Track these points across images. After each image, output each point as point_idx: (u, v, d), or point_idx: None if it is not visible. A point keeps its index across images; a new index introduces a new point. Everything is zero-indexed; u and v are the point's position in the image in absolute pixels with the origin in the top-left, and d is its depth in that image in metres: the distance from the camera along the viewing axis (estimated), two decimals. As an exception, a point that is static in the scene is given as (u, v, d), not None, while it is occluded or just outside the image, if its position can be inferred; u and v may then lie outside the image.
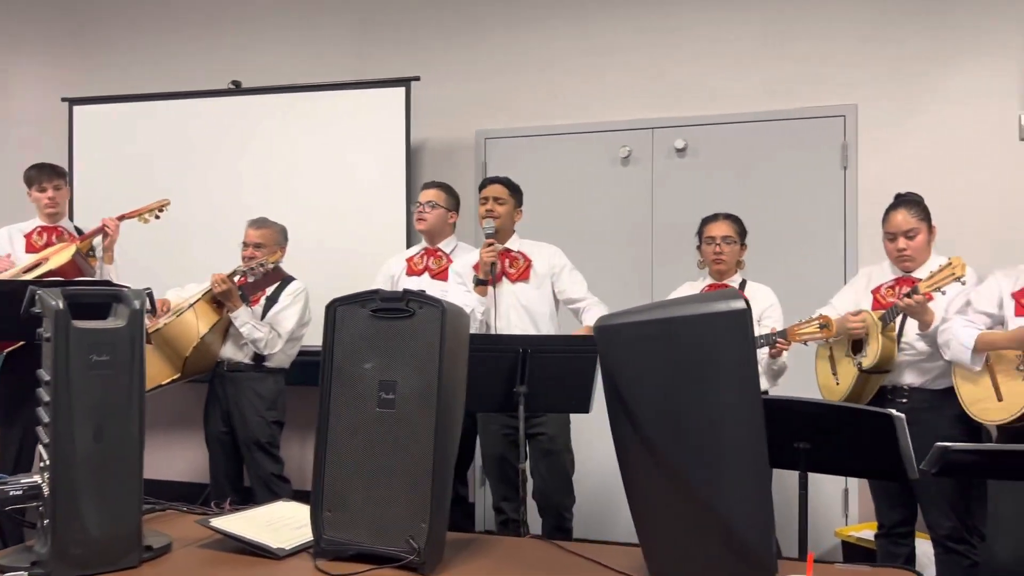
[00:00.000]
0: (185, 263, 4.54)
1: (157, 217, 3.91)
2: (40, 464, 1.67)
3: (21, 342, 3.52)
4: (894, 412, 2.26)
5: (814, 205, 4.22)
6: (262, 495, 3.72)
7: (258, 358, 3.82)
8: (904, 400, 3.01)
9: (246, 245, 3.88)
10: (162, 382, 3.68)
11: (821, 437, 2.33)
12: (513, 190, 3.58)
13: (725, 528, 1.44)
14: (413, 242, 4.29)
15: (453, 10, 4.83)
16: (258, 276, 3.70)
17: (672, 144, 4.43)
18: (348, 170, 4.62)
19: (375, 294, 1.77)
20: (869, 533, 3.46)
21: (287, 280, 3.90)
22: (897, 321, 3.00)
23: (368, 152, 4.60)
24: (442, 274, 3.76)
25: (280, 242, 3.93)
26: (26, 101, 5.50)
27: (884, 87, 4.17)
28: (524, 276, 3.46)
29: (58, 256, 3.69)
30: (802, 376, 3.37)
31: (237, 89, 4.90)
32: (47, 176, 3.92)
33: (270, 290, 3.86)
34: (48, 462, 1.62)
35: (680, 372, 1.46)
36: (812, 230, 4.21)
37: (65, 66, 5.46)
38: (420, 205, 3.82)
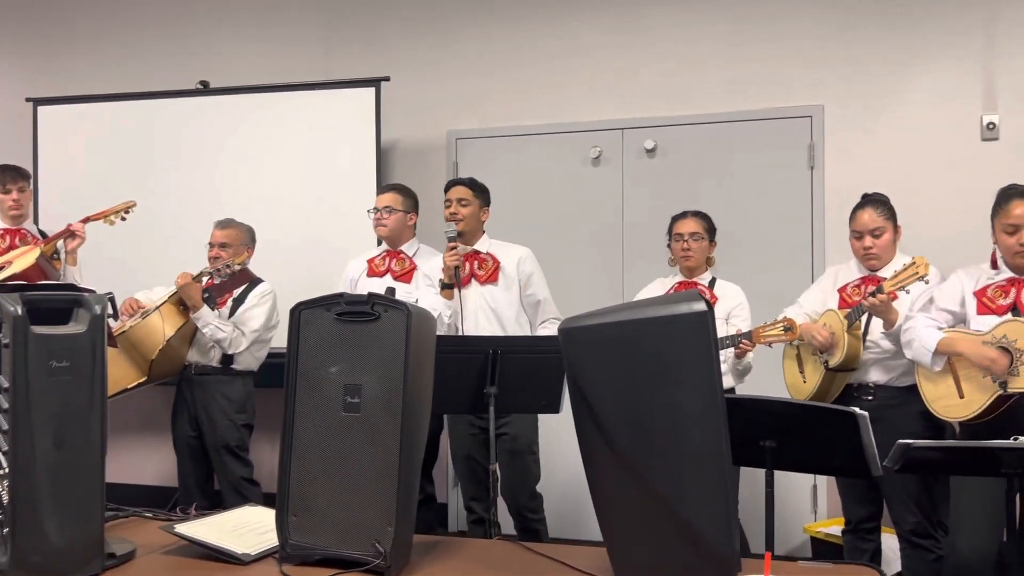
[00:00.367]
0: (152, 265, 4.49)
1: (123, 219, 3.86)
2: (-1, 472, 1.65)
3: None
4: (857, 410, 2.29)
5: (782, 205, 4.26)
6: (232, 499, 3.69)
7: (226, 361, 3.78)
8: (870, 397, 3.05)
9: (211, 246, 3.85)
10: (128, 386, 3.64)
11: (787, 435, 2.35)
12: (478, 190, 3.55)
13: (688, 528, 1.45)
14: (385, 244, 4.28)
15: (422, 11, 4.82)
16: (224, 277, 3.67)
17: (642, 144, 4.45)
18: (318, 171, 4.60)
19: (340, 297, 1.76)
20: (837, 529, 3.50)
21: (255, 282, 3.87)
22: (863, 320, 3.04)
23: (339, 153, 4.58)
24: (405, 276, 3.74)
25: (246, 243, 3.90)
26: (-11, 101, 5.43)
27: (850, 88, 4.22)
28: (493, 278, 3.45)
29: (22, 259, 3.63)
30: (770, 374, 3.40)
31: (205, 89, 4.86)
32: (11, 178, 3.86)
33: (238, 292, 3.82)
34: (7, 470, 1.60)
35: (643, 373, 1.47)
36: (780, 229, 4.25)
37: (29, 66, 5.37)
38: (377, 211, 3.80)
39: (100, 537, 1.69)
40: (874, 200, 3.16)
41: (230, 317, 3.79)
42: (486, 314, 3.41)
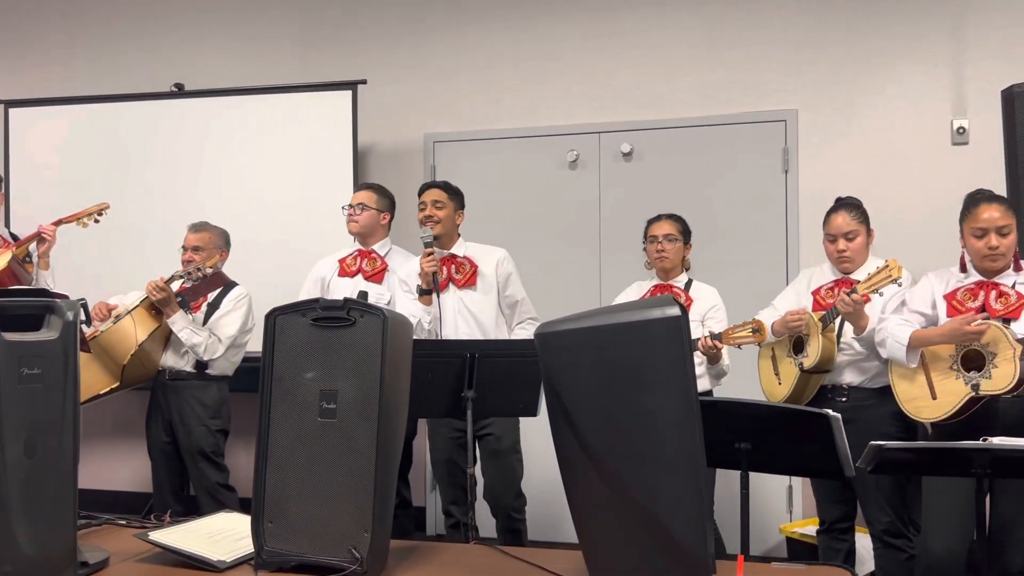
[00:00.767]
0: (126, 269, 4.46)
1: (96, 221, 3.82)
2: (-31, 481, 1.62)
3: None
4: (830, 412, 2.31)
5: (757, 208, 4.30)
6: (207, 504, 3.66)
7: (200, 366, 3.75)
8: (843, 399, 3.08)
9: (185, 249, 3.81)
10: (100, 391, 3.60)
11: (761, 437, 2.37)
12: (453, 193, 3.53)
13: (662, 531, 1.46)
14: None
15: (399, 14, 4.81)
16: (197, 281, 3.63)
17: (618, 148, 4.48)
18: (295, 174, 4.57)
19: (315, 303, 1.75)
20: (812, 529, 3.53)
21: (229, 285, 3.84)
22: (836, 322, 3.07)
23: (315, 156, 4.56)
24: (376, 276, 3.73)
25: (220, 246, 3.86)
26: (-41, 103, 5.35)
27: (822, 93, 4.27)
28: (471, 282, 3.44)
29: (-7, 263, 3.58)
30: (745, 376, 3.43)
31: (180, 92, 4.83)
32: (-20, 181, 3.82)
33: (212, 296, 3.79)
34: (-23, 479, 1.58)
35: (617, 378, 1.48)
36: (755, 232, 4.29)
37: (0, 68, 5.30)
38: (351, 208, 3.79)
39: (73, 545, 1.67)
40: (847, 204, 3.20)
41: (205, 322, 3.76)
42: (465, 318, 3.41)
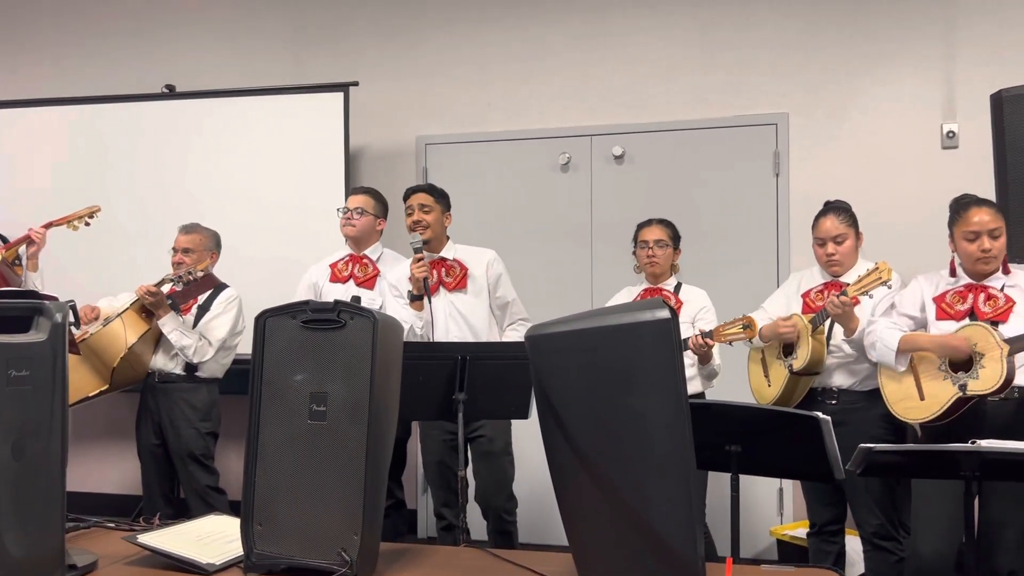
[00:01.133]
0: (116, 271, 4.45)
1: (87, 224, 3.81)
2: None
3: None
4: (820, 415, 2.32)
5: (747, 211, 4.32)
6: (197, 507, 3.65)
7: (190, 368, 3.74)
8: (833, 401, 3.10)
9: (175, 251, 3.80)
10: (89, 394, 3.58)
11: (751, 440, 2.38)
12: (439, 196, 3.51)
13: (652, 533, 1.46)
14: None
15: (391, 16, 4.81)
16: (187, 284, 3.62)
17: (610, 151, 4.48)
18: (286, 176, 4.57)
19: (305, 305, 1.75)
20: (803, 531, 3.54)
21: (220, 287, 3.83)
22: (826, 324, 3.09)
23: (307, 158, 4.55)
24: (368, 282, 3.72)
25: (210, 248, 3.85)
26: (-52, 104, 5.32)
27: (814, 97, 4.29)
28: (461, 285, 3.44)
29: (-18, 266, 3.57)
30: (736, 378, 3.44)
31: (171, 93, 4.81)
32: (-31, 183, 3.80)
33: (202, 298, 3.78)
34: (-36, 481, 1.57)
35: (607, 380, 1.48)
36: (746, 235, 4.31)
37: (-10, 68, 5.30)
38: (348, 211, 3.76)
39: (61, 548, 1.66)
40: (836, 207, 3.22)
41: (195, 325, 3.75)
42: (456, 321, 3.40)
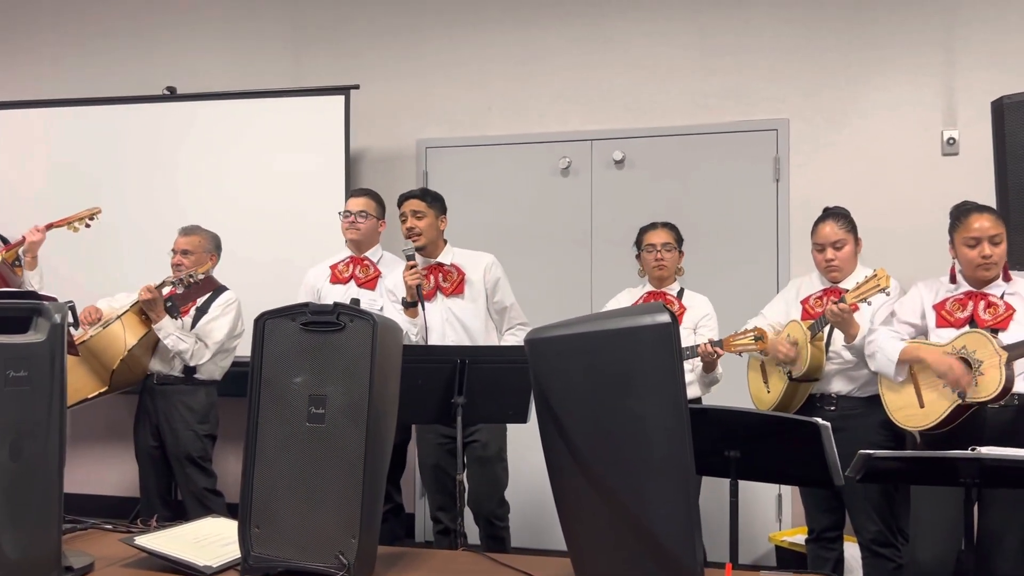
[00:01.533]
0: (117, 272, 4.45)
1: (87, 226, 3.81)
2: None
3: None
4: (819, 421, 2.32)
5: (747, 217, 4.32)
6: (194, 509, 3.64)
7: (188, 370, 3.73)
8: (832, 408, 3.09)
9: (174, 252, 3.80)
10: (88, 395, 3.58)
11: (751, 445, 2.38)
12: (432, 200, 3.47)
13: (651, 538, 1.46)
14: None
15: (392, 19, 4.82)
16: (187, 286, 3.62)
17: (610, 156, 4.49)
18: (287, 179, 4.57)
19: (305, 307, 1.75)
20: (801, 538, 3.53)
21: (219, 290, 3.82)
22: (825, 331, 3.08)
23: (307, 160, 4.55)
24: (369, 283, 3.72)
25: (210, 250, 3.85)
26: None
27: (814, 102, 4.29)
28: (458, 290, 3.42)
29: (-19, 267, 3.57)
30: (735, 384, 3.44)
31: (172, 95, 4.82)
32: (-31, 184, 3.80)
33: (201, 300, 3.77)
34: (-39, 482, 1.57)
35: (607, 384, 1.48)
36: (746, 241, 4.31)
37: (-10, 69, 5.30)
38: (351, 215, 3.76)
39: (57, 550, 1.66)
40: (835, 213, 3.22)
41: (193, 327, 3.75)
42: (453, 326, 3.39)
